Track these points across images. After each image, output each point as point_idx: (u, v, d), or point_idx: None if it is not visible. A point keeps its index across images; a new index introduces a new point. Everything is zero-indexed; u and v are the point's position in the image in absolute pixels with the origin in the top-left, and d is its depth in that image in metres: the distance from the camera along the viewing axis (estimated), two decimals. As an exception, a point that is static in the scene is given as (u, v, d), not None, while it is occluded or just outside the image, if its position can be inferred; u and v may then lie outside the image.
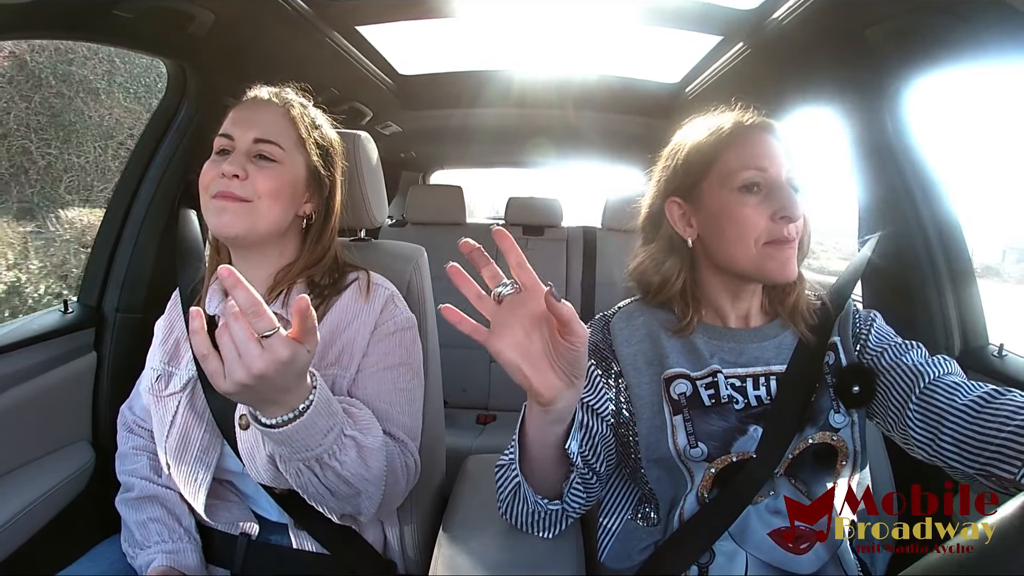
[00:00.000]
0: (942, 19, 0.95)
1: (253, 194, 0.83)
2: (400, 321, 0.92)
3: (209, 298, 0.92)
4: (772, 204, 0.77)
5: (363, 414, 0.80)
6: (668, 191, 0.86)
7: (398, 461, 0.85)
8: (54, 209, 4.90)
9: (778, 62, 1.36)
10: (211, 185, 0.84)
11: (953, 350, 1.21)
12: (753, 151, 0.79)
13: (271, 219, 0.85)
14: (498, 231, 0.61)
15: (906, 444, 0.77)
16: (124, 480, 0.97)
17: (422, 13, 1.44)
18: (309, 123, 0.91)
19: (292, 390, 0.63)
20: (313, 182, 0.91)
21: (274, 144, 0.86)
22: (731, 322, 0.86)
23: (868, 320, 0.87)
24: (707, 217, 0.82)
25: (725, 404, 0.80)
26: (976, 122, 18.77)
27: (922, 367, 0.77)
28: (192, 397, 0.90)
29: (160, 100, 1.35)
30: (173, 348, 0.95)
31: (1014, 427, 0.64)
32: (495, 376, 2.39)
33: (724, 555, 0.79)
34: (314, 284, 0.91)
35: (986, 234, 9.32)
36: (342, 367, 0.87)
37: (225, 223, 0.83)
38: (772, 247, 0.77)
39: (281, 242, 0.91)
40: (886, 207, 1.26)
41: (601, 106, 2.07)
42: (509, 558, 0.83)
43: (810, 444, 0.80)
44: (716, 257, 0.82)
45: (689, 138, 0.86)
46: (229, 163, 0.83)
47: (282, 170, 0.86)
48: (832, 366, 0.83)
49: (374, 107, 2.01)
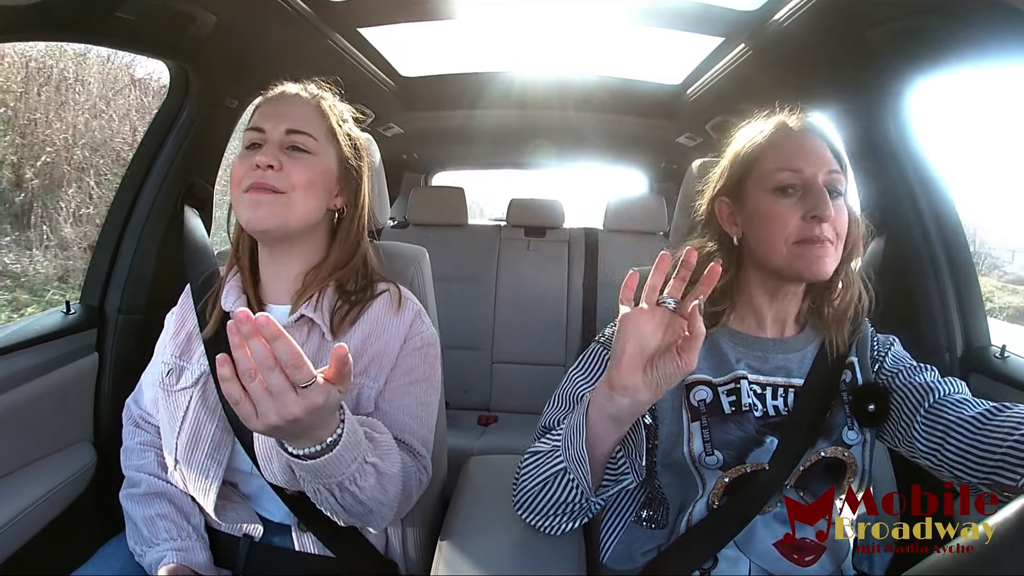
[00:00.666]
0: (943, 20, 0.95)
1: (288, 185, 0.82)
2: (427, 337, 0.93)
3: (226, 294, 0.91)
4: (804, 204, 0.77)
5: (384, 439, 0.80)
6: (718, 191, 0.87)
7: (413, 479, 0.85)
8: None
9: (779, 63, 1.36)
10: (244, 179, 0.83)
11: (955, 351, 1.21)
12: (791, 152, 0.80)
13: (305, 212, 0.85)
14: (662, 256, 0.68)
15: (912, 456, 0.78)
16: (131, 475, 0.95)
17: (424, 15, 1.44)
18: (339, 116, 0.92)
19: (322, 427, 0.65)
20: (344, 175, 0.91)
21: (307, 135, 0.86)
22: (766, 326, 0.86)
23: (887, 344, 0.88)
24: (748, 216, 0.82)
25: (745, 412, 0.80)
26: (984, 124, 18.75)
27: (932, 385, 0.79)
28: (204, 392, 0.89)
29: (162, 102, 1.36)
30: (185, 342, 0.94)
31: (1017, 437, 0.66)
32: (497, 377, 2.39)
33: (727, 561, 0.79)
34: (344, 290, 0.90)
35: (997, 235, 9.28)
36: (370, 377, 0.88)
37: (260, 216, 0.82)
38: (802, 246, 0.77)
39: (311, 238, 0.90)
40: (888, 208, 1.26)
41: (603, 107, 2.07)
42: (510, 558, 0.83)
43: (822, 457, 0.80)
44: (755, 255, 0.83)
45: (739, 140, 0.87)
46: (262, 154, 0.82)
47: (316, 161, 0.86)
48: (849, 384, 0.84)
49: (376, 109, 2.02)
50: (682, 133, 2.14)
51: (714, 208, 0.87)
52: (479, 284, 2.42)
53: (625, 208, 2.53)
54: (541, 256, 2.49)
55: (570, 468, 0.75)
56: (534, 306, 2.41)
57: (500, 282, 2.44)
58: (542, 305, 2.41)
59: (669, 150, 2.45)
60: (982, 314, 1.23)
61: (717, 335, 0.85)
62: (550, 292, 2.43)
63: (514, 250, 2.49)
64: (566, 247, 2.53)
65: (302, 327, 0.88)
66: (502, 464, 1.25)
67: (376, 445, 0.77)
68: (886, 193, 1.26)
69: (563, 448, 0.76)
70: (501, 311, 2.42)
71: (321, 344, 0.87)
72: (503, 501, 0.93)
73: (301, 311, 0.86)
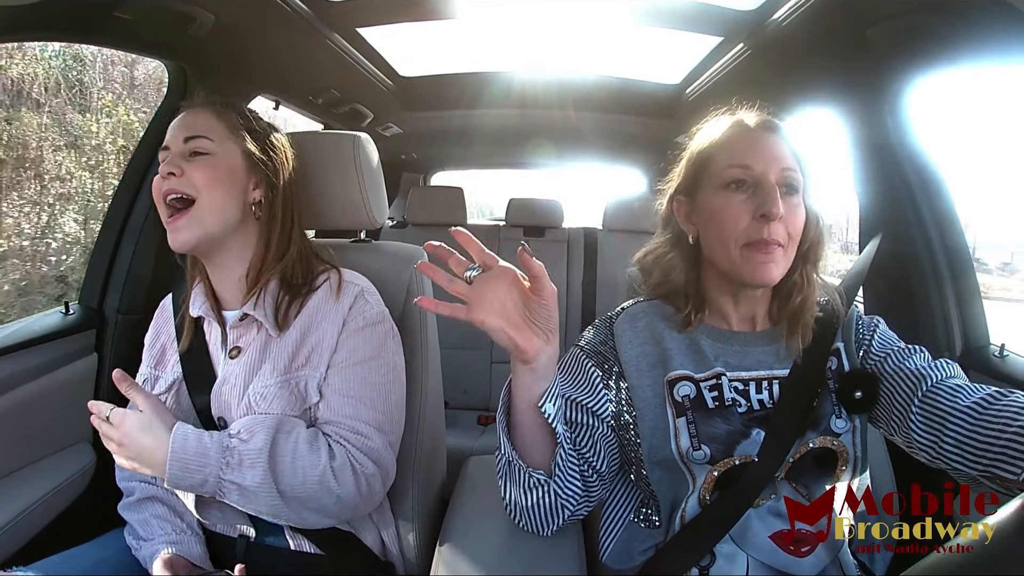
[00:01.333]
0: (943, 19, 0.95)
1: (193, 188, 0.86)
2: (370, 316, 0.93)
3: (193, 301, 0.94)
4: (754, 202, 0.76)
5: (248, 448, 0.82)
6: (676, 189, 0.87)
7: (351, 471, 0.85)
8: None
9: (779, 63, 1.36)
10: (158, 196, 0.88)
11: (954, 350, 1.21)
12: (742, 149, 0.79)
13: (218, 211, 0.88)
14: (455, 231, 0.71)
15: (909, 448, 0.76)
16: (124, 486, 0.97)
17: (423, 15, 1.44)
18: (238, 115, 0.94)
19: (152, 449, 0.79)
20: (253, 167, 0.93)
21: (203, 138, 0.89)
22: (733, 324, 0.85)
23: (871, 326, 0.86)
24: (700, 214, 0.82)
25: (728, 407, 0.80)
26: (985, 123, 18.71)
27: (925, 370, 0.77)
28: (177, 397, 0.93)
29: (161, 102, 1.36)
30: (159, 353, 0.98)
31: (1017, 428, 0.64)
32: (496, 377, 2.39)
33: (724, 557, 0.79)
34: (287, 283, 0.92)
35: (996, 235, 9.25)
36: (312, 367, 0.89)
37: (182, 241, 0.87)
38: (750, 250, 0.76)
39: (241, 237, 0.92)
40: (887, 207, 1.26)
41: (602, 107, 2.07)
42: (510, 559, 0.83)
43: (811, 448, 0.79)
44: (708, 255, 0.82)
45: (698, 137, 0.87)
46: (166, 164, 0.87)
47: (215, 160, 0.89)
48: (835, 371, 0.82)
49: (375, 109, 2.02)
50: (681, 133, 2.13)
51: (672, 207, 0.87)
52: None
53: (624, 208, 2.53)
54: (540, 256, 2.45)
55: (502, 448, 0.78)
56: None
57: None
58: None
59: (668, 150, 2.45)
60: (981, 313, 1.23)
61: (695, 333, 0.84)
62: None
63: (513, 250, 2.46)
64: (565, 247, 2.53)
65: (250, 325, 0.91)
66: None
67: (241, 458, 0.81)
68: (885, 192, 1.26)
69: (500, 447, 0.79)
70: (501, 311, 2.40)
71: (268, 340, 0.90)
72: (502, 501, 0.93)
73: (244, 310, 0.90)
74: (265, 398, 0.86)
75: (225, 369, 0.91)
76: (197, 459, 0.79)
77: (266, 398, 0.86)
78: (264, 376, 0.88)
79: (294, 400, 0.87)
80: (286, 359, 0.88)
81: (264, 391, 0.87)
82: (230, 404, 0.88)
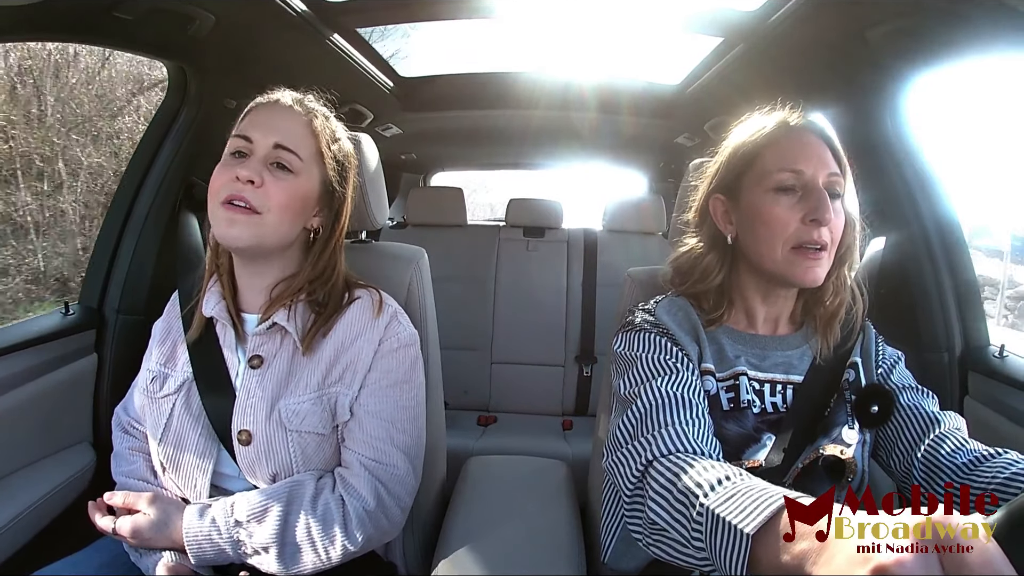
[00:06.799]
0: (942, 19, 0.95)
1: (264, 205, 0.82)
2: (404, 338, 0.92)
3: (207, 299, 0.91)
4: (804, 207, 0.76)
5: (261, 531, 0.82)
6: (713, 187, 0.86)
7: (360, 514, 0.84)
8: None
9: (778, 63, 1.36)
10: (221, 190, 0.82)
11: (953, 350, 1.21)
12: (792, 152, 0.79)
13: (279, 232, 0.85)
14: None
15: (904, 482, 0.79)
16: (121, 481, 0.95)
17: (423, 15, 1.44)
18: (330, 136, 0.90)
19: (165, 533, 0.84)
20: (325, 196, 0.90)
21: (293, 153, 0.85)
22: (759, 325, 0.85)
23: (894, 358, 0.87)
24: (743, 215, 0.82)
25: (744, 408, 0.80)
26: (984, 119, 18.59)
27: (937, 417, 0.79)
28: (187, 399, 0.89)
29: (161, 102, 1.36)
30: (170, 350, 0.94)
31: (1002, 480, 0.67)
32: (496, 378, 2.39)
33: None
34: (315, 303, 0.90)
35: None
36: (345, 385, 0.87)
37: (233, 236, 0.82)
38: (797, 253, 0.76)
39: (286, 253, 0.90)
40: (887, 207, 1.26)
41: (602, 108, 2.07)
42: (510, 558, 0.83)
43: (820, 455, 0.80)
44: (750, 256, 0.82)
45: (737, 135, 0.86)
46: (245, 167, 0.81)
47: (297, 183, 0.85)
48: (852, 383, 0.83)
49: (375, 109, 2.02)
50: (681, 133, 2.14)
51: (708, 205, 0.86)
52: (478, 284, 2.42)
53: (624, 208, 2.53)
54: (540, 256, 2.50)
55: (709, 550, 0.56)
56: (533, 306, 2.41)
57: (499, 282, 2.44)
58: (541, 305, 2.42)
59: (668, 150, 2.46)
60: (981, 313, 1.23)
61: (716, 332, 0.84)
62: (549, 292, 2.43)
63: (513, 250, 2.49)
64: (565, 247, 2.53)
65: (275, 335, 0.88)
66: (501, 464, 1.26)
67: (255, 548, 0.82)
68: (884, 193, 1.26)
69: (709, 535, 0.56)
70: (500, 311, 2.42)
71: (294, 353, 0.88)
72: (503, 501, 0.93)
73: (274, 319, 0.86)
74: (298, 415, 0.85)
75: (247, 380, 0.87)
76: (212, 547, 0.82)
77: (299, 415, 0.85)
78: (297, 392, 0.86)
79: (327, 417, 0.86)
80: (320, 375, 0.86)
81: (297, 407, 0.85)
82: (258, 419, 0.85)
